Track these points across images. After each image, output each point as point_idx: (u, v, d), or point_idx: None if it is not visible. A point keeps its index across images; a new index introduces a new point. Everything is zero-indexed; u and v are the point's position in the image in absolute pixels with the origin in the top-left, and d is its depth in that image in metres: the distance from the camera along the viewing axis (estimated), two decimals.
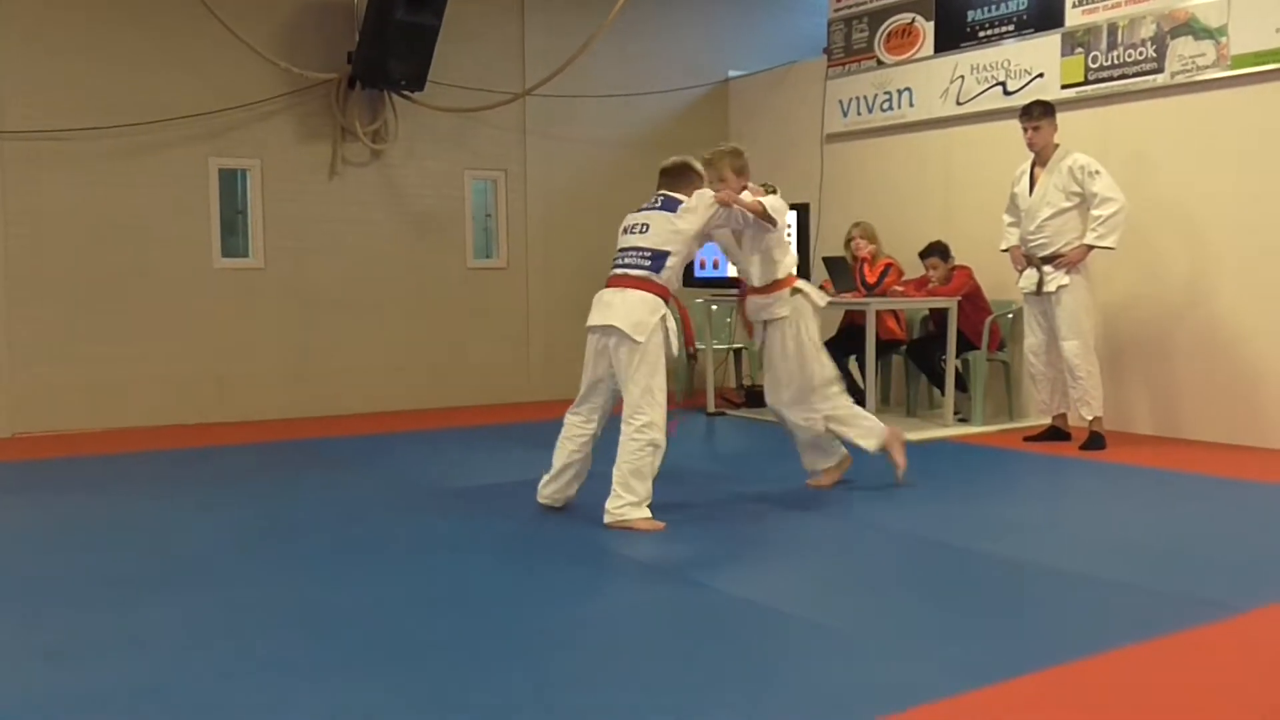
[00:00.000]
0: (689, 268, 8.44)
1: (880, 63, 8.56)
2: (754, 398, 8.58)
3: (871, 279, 7.54)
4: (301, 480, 5.86)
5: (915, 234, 7.81)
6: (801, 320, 5.10)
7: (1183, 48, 6.69)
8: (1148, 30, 6.85)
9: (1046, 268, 6.44)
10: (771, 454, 6.76)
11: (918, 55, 8.28)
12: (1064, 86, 7.27)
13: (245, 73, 7.94)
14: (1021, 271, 6.62)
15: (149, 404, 7.72)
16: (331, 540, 4.53)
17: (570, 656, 3.14)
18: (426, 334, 8.75)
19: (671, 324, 4.64)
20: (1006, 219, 6.75)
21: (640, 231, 4.75)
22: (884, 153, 8.64)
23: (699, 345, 8.75)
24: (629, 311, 4.57)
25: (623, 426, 4.61)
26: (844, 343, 7.87)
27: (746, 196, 4.77)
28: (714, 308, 8.60)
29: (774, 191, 5.17)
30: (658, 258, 4.66)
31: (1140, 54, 6.90)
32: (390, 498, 5.41)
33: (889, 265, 7.61)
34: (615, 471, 4.58)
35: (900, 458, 5.36)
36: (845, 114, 8.88)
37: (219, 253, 8.05)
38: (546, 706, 2.75)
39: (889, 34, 8.50)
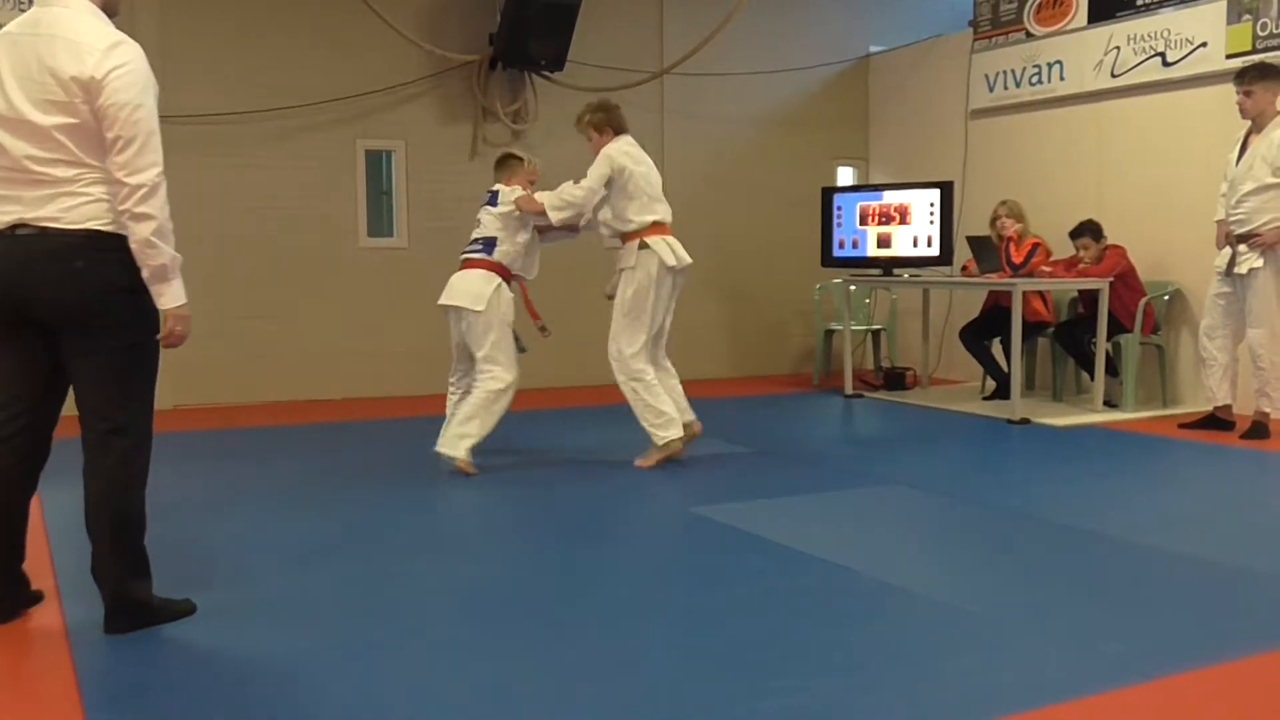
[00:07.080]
0: (828, 248, 8.43)
1: (1029, 34, 8.27)
2: (892, 380, 8.43)
3: (1018, 259, 7.31)
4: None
5: (1065, 213, 7.54)
6: (638, 274, 5.37)
7: None
8: None
9: (1241, 246, 5.99)
10: (910, 437, 6.64)
11: (1070, 26, 7.96)
12: (1229, 56, 6.87)
13: (390, 56, 8.13)
14: (1221, 249, 6.17)
15: (298, 379, 8.01)
16: (484, 512, 4.63)
17: (715, 638, 3.14)
18: (565, 310, 8.81)
19: (507, 293, 5.43)
20: (1222, 187, 6.26)
21: (479, 225, 5.58)
22: (1032, 128, 8.36)
23: (823, 329, 8.63)
24: (466, 288, 5.35)
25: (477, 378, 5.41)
26: (988, 325, 7.68)
27: (542, 196, 5.45)
28: (852, 288, 8.47)
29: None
30: (488, 244, 5.49)
31: None
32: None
33: (1036, 245, 7.36)
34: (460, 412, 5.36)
35: (649, 463, 5.44)
36: (991, 88, 8.61)
37: (365, 232, 8.30)
38: (692, 691, 2.75)
39: (1039, 4, 8.19)
